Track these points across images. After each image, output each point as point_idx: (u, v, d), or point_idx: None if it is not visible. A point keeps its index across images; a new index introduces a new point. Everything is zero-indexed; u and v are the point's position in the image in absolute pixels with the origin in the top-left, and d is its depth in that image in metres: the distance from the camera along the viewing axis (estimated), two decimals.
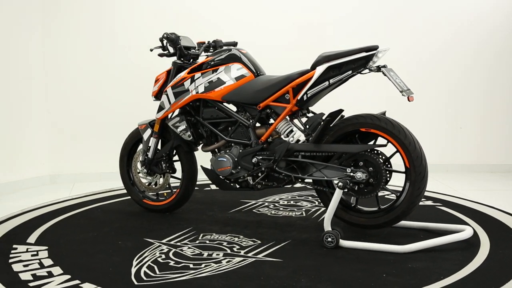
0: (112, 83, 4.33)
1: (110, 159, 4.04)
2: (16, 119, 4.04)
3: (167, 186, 3.22)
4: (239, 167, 2.81)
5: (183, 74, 2.93)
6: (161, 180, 3.20)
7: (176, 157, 3.19)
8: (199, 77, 2.88)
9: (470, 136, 4.67)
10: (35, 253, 2.45)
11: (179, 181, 3.17)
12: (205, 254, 2.44)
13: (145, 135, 3.15)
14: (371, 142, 2.69)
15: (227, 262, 2.34)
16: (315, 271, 2.23)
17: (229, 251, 2.48)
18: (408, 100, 2.49)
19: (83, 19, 4.28)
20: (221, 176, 2.87)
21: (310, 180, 2.77)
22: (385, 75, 2.52)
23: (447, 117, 4.66)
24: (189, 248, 2.53)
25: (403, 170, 2.58)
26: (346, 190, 2.55)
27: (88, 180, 4.34)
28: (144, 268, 2.26)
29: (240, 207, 3.32)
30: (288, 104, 2.69)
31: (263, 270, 2.25)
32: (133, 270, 2.24)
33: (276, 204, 3.40)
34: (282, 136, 2.81)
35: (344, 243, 2.51)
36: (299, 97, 2.64)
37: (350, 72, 2.57)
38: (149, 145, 3.13)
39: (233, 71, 2.84)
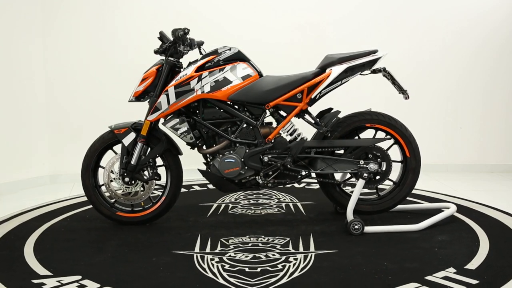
0: (113, 83, 4.33)
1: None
2: (16, 119, 4.04)
3: (149, 194, 2.96)
4: (246, 167, 2.82)
5: (189, 72, 2.79)
6: (142, 188, 2.93)
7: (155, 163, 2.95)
8: (206, 76, 2.80)
9: (470, 136, 4.67)
10: (79, 284, 2.16)
11: (163, 188, 2.98)
12: (263, 256, 2.42)
13: (126, 140, 2.87)
14: (359, 136, 2.98)
15: (294, 259, 2.38)
16: (380, 255, 2.43)
17: (277, 250, 2.50)
18: (407, 98, 2.89)
19: (83, 19, 4.28)
20: (225, 178, 2.84)
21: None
22: (389, 75, 2.84)
23: (447, 117, 4.66)
24: (235, 253, 2.47)
25: (399, 160, 2.99)
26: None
27: None
28: (230, 279, 2.17)
29: (211, 210, 3.25)
30: (299, 103, 2.82)
31: (339, 261, 2.36)
32: (223, 282, 2.14)
33: (243, 204, 3.38)
34: (283, 135, 2.91)
35: (367, 228, 2.76)
36: (312, 96, 2.81)
37: (359, 73, 2.81)
38: (133, 150, 2.86)
39: (239, 70, 2.82)
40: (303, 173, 2.89)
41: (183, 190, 3.71)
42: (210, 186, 3.89)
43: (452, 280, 2.14)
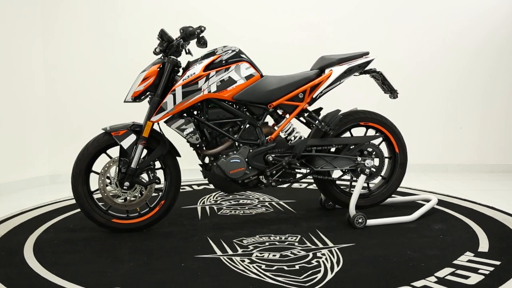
0: (113, 83, 4.33)
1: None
2: (16, 119, 4.04)
3: (147, 199, 2.81)
4: (250, 167, 2.83)
5: (198, 71, 2.72)
6: (139, 193, 2.79)
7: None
8: (213, 76, 2.75)
9: (469, 136, 4.67)
10: None
11: (161, 191, 2.86)
12: (290, 254, 2.42)
13: (126, 142, 2.70)
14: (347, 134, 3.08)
15: (322, 255, 2.41)
16: (397, 245, 2.52)
17: (299, 247, 2.52)
18: (396, 98, 3.05)
19: (83, 19, 4.28)
20: (229, 178, 2.81)
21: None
22: (381, 75, 2.98)
23: (447, 117, 4.66)
24: (261, 253, 2.43)
25: (387, 156, 3.14)
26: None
27: None
28: (278, 278, 2.13)
29: (200, 213, 3.19)
30: (300, 103, 2.89)
31: (365, 253, 2.42)
32: (273, 282, 2.09)
33: (226, 206, 3.37)
34: (282, 134, 2.93)
35: (369, 221, 2.87)
36: (314, 96, 2.89)
37: (353, 74, 2.92)
38: (134, 153, 2.71)
39: (242, 70, 2.81)
40: (306, 171, 2.92)
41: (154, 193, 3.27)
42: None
43: (477, 262, 2.27)
